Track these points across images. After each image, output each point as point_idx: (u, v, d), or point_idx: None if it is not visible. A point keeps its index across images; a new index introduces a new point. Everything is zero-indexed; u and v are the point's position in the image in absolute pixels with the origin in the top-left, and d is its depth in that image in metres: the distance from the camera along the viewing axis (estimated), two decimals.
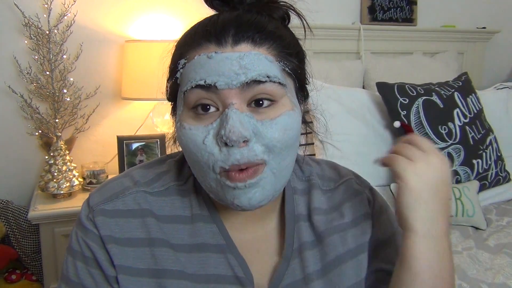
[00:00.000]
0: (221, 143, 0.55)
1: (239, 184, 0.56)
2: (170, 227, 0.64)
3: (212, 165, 0.56)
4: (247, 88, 0.55)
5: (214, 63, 0.55)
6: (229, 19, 0.58)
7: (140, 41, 1.83)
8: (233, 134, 0.53)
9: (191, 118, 0.58)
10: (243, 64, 0.55)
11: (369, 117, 1.89)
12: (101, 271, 0.62)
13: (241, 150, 0.55)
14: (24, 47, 1.75)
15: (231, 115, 0.54)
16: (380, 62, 2.24)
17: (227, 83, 0.55)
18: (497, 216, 1.74)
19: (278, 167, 0.58)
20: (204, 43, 0.57)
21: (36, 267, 1.72)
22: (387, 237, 0.72)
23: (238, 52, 0.56)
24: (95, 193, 0.66)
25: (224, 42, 0.56)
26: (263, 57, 0.56)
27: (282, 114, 0.57)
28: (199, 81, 0.55)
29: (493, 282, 1.26)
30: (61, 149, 1.71)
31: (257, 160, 0.56)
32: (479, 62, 2.61)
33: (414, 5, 2.41)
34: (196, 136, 0.56)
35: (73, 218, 1.59)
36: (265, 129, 0.56)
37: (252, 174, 0.56)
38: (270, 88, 0.56)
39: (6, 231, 1.68)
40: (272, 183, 0.58)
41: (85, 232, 0.63)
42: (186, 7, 1.98)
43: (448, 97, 1.90)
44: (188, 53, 0.59)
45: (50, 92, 1.74)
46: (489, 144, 1.91)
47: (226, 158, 0.55)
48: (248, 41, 0.57)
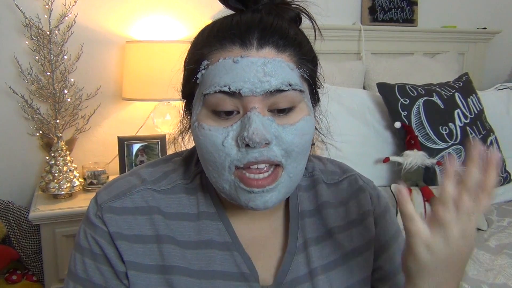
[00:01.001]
0: (241, 144, 0.56)
1: (256, 190, 0.57)
2: (176, 224, 0.65)
3: (228, 166, 0.57)
4: (269, 95, 0.57)
5: (240, 68, 0.56)
6: (252, 21, 0.59)
7: (141, 41, 1.83)
8: (257, 136, 0.55)
9: (210, 119, 0.58)
10: (267, 71, 0.56)
11: (370, 117, 1.89)
12: (111, 267, 0.63)
13: (260, 150, 0.56)
14: (25, 48, 1.75)
15: (254, 118, 0.55)
16: (380, 62, 2.24)
17: (252, 90, 0.56)
18: (498, 216, 1.74)
19: (294, 171, 0.60)
20: (228, 45, 0.58)
21: (36, 268, 1.72)
22: (389, 237, 0.73)
23: (263, 57, 0.57)
24: (103, 191, 0.66)
25: (249, 44, 0.57)
26: (285, 65, 0.58)
27: (300, 120, 0.59)
28: (223, 87, 0.56)
29: (493, 282, 1.26)
30: (62, 150, 1.71)
31: (276, 160, 0.57)
32: (479, 62, 2.61)
33: (414, 5, 2.41)
34: (215, 137, 0.57)
35: (74, 219, 1.59)
36: (285, 134, 0.57)
37: (272, 181, 0.58)
38: (291, 95, 0.58)
39: (6, 231, 1.68)
40: (287, 187, 0.60)
41: (93, 229, 0.63)
42: (187, 8, 1.98)
43: (449, 98, 1.90)
44: (211, 54, 0.59)
45: (51, 93, 1.74)
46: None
47: (242, 157, 0.56)
48: (272, 46, 0.58)
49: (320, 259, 0.68)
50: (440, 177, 1.78)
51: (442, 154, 1.80)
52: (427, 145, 1.79)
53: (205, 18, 1.98)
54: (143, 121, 1.96)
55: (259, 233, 0.69)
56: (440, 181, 1.78)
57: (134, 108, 1.98)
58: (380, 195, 0.75)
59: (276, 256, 0.69)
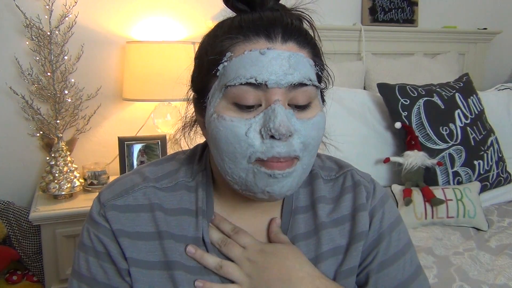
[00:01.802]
0: (265, 136, 0.57)
1: (277, 172, 0.59)
2: (176, 219, 0.66)
3: (249, 156, 0.58)
4: (292, 88, 0.58)
5: (266, 60, 0.57)
6: (275, 18, 0.60)
7: (141, 42, 1.83)
8: (283, 128, 0.56)
9: (232, 111, 0.59)
10: (292, 64, 0.58)
11: (370, 118, 1.89)
12: (113, 264, 0.64)
13: (284, 144, 0.58)
14: (26, 48, 1.75)
15: (279, 110, 0.57)
16: (381, 63, 2.24)
17: (277, 82, 0.57)
18: (498, 217, 1.74)
19: (307, 163, 0.63)
20: (253, 37, 0.59)
21: (37, 268, 1.72)
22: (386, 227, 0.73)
23: (288, 51, 0.59)
24: (106, 190, 0.68)
25: (274, 37, 0.59)
26: (306, 60, 0.60)
27: (316, 115, 0.62)
28: (250, 79, 0.57)
29: (494, 283, 1.26)
30: (62, 150, 1.71)
31: (294, 155, 0.59)
32: (480, 63, 2.61)
33: (415, 6, 2.41)
34: (238, 128, 0.58)
35: (74, 219, 1.59)
36: (304, 128, 0.60)
37: (290, 165, 0.60)
38: (310, 90, 0.60)
39: (7, 232, 1.68)
40: (300, 176, 0.62)
41: (96, 227, 0.65)
42: (187, 9, 1.98)
43: (449, 98, 1.90)
44: (234, 46, 0.59)
45: (51, 93, 1.74)
46: (490, 145, 1.91)
47: (267, 150, 0.58)
48: (295, 41, 0.60)
49: (308, 254, 0.69)
50: (440, 177, 1.78)
51: (443, 154, 1.80)
52: (428, 146, 1.79)
53: (206, 18, 1.98)
54: (143, 122, 1.96)
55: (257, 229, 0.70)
56: (440, 182, 1.78)
57: (134, 109, 1.98)
58: (377, 188, 0.77)
59: None
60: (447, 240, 1.54)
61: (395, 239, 0.74)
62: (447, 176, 1.79)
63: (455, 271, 1.32)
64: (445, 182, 1.78)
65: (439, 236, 1.56)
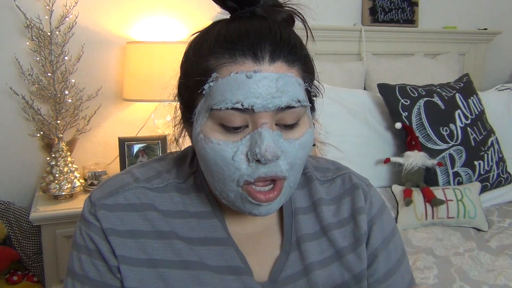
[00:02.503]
0: (252, 160, 0.57)
1: (264, 204, 0.59)
2: (172, 221, 0.67)
3: (237, 179, 0.58)
4: (279, 111, 0.57)
5: (253, 83, 0.55)
6: (263, 32, 0.57)
7: (142, 42, 1.83)
8: (269, 153, 0.55)
9: (218, 132, 0.58)
10: (279, 87, 0.56)
11: (370, 118, 1.89)
12: (104, 262, 0.64)
13: (269, 165, 0.57)
14: (26, 49, 1.76)
15: (265, 134, 0.56)
16: (381, 63, 2.24)
17: (264, 106, 0.56)
18: (498, 217, 1.74)
19: (294, 181, 0.62)
20: (240, 58, 0.56)
21: (37, 269, 1.72)
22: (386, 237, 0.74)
23: (276, 72, 0.56)
24: (97, 189, 0.68)
25: (261, 58, 0.56)
26: (295, 80, 0.58)
27: (304, 133, 0.61)
28: (236, 103, 0.55)
29: (494, 283, 1.26)
30: (63, 151, 1.71)
31: (281, 176, 0.59)
32: (480, 63, 2.61)
33: (415, 6, 2.41)
34: (225, 152, 0.57)
35: (74, 219, 1.59)
36: (291, 149, 0.59)
37: (277, 195, 0.60)
38: (298, 111, 0.59)
39: (7, 232, 1.68)
40: (287, 194, 0.63)
41: (88, 226, 0.65)
42: (187, 9, 1.98)
43: (450, 99, 1.90)
44: (220, 67, 0.57)
45: (52, 94, 1.74)
46: (490, 145, 1.91)
47: (252, 172, 0.57)
48: (284, 60, 0.58)
49: (315, 255, 0.69)
50: (440, 178, 1.78)
51: (443, 154, 1.80)
52: (428, 146, 1.79)
53: (206, 19, 1.98)
54: (143, 122, 1.96)
55: (253, 231, 0.70)
56: (440, 182, 1.78)
57: (134, 109, 1.98)
58: (375, 193, 0.76)
59: (271, 253, 0.70)
60: (448, 241, 1.54)
61: (395, 247, 0.74)
62: (448, 176, 1.79)
63: (455, 272, 1.32)
64: (446, 182, 1.78)
65: (440, 237, 1.56)
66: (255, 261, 0.68)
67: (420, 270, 1.32)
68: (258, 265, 0.68)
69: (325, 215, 0.71)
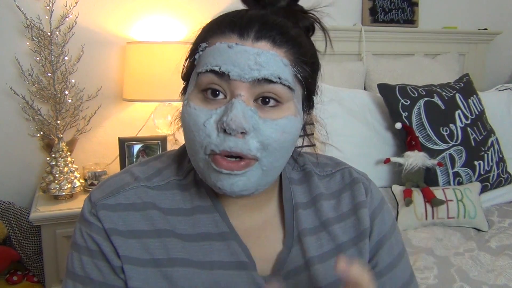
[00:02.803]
0: (220, 129, 0.57)
1: (224, 171, 0.58)
2: (172, 219, 0.66)
3: (205, 146, 0.59)
4: (257, 84, 0.58)
5: (233, 53, 0.58)
6: (255, 15, 0.61)
7: (142, 42, 1.83)
8: (233, 123, 0.56)
9: (199, 99, 0.60)
10: (258, 61, 0.58)
11: (370, 118, 1.89)
12: (107, 262, 0.64)
13: (236, 140, 0.57)
14: (26, 49, 1.76)
15: (236, 105, 0.57)
16: (381, 63, 2.24)
17: (240, 75, 0.57)
18: (499, 217, 1.74)
19: (269, 166, 0.61)
20: (227, 33, 0.60)
21: (37, 269, 1.72)
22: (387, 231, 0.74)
23: (257, 48, 0.58)
24: (96, 190, 0.68)
25: (246, 35, 0.59)
26: (279, 59, 0.59)
27: (284, 117, 0.60)
28: (215, 66, 0.58)
29: (495, 283, 1.26)
30: (63, 151, 1.71)
31: (249, 155, 0.58)
32: (480, 63, 2.61)
33: (415, 6, 2.41)
34: (198, 117, 0.59)
35: (75, 220, 1.57)
36: (265, 127, 0.58)
37: (241, 167, 0.59)
38: (279, 89, 0.59)
39: (7, 232, 1.68)
40: (259, 177, 0.61)
41: (89, 227, 0.65)
42: (187, 9, 1.98)
43: (450, 99, 1.90)
44: (210, 38, 0.61)
45: (52, 94, 1.74)
46: (490, 145, 1.91)
47: (219, 143, 0.58)
48: (269, 40, 0.59)
49: (316, 250, 0.69)
50: (440, 178, 1.78)
51: (443, 155, 1.80)
52: (428, 146, 1.79)
53: (206, 19, 1.97)
54: (143, 122, 1.96)
55: (253, 224, 0.70)
56: (440, 182, 1.78)
57: (134, 109, 1.98)
58: (375, 188, 0.76)
59: (273, 247, 0.70)
60: (448, 241, 1.54)
61: (396, 241, 0.75)
62: (448, 176, 1.79)
63: (455, 272, 1.32)
64: (446, 182, 1.78)
65: (440, 237, 1.56)
66: (258, 255, 0.68)
67: (420, 270, 1.32)
68: (261, 259, 0.68)
69: (324, 209, 0.72)
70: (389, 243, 0.73)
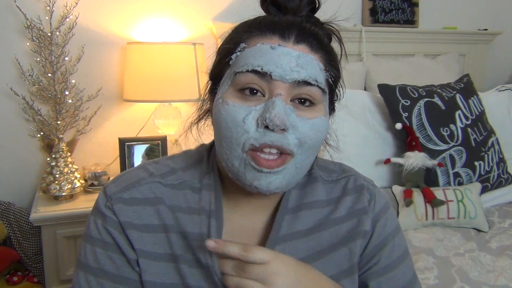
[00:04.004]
0: (261, 125, 0.59)
1: (265, 170, 0.60)
2: (181, 216, 0.67)
3: (243, 142, 0.60)
4: (296, 86, 0.61)
5: (275, 54, 0.60)
6: (293, 21, 0.64)
7: (142, 43, 1.83)
8: (277, 119, 0.58)
9: (236, 97, 0.62)
10: (300, 63, 0.61)
11: (371, 118, 1.89)
12: (123, 255, 0.65)
13: (277, 134, 0.59)
14: (26, 49, 1.76)
15: (278, 103, 0.59)
16: (381, 64, 2.24)
17: (282, 76, 0.60)
18: (499, 218, 1.74)
19: (302, 163, 0.63)
20: (268, 33, 0.62)
21: (37, 269, 1.72)
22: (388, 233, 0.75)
23: (298, 51, 0.61)
24: (111, 183, 0.69)
25: (287, 37, 0.62)
26: (316, 63, 0.63)
27: (318, 117, 0.63)
28: (257, 66, 0.60)
29: (495, 284, 1.26)
30: (63, 151, 1.71)
31: (288, 149, 0.60)
32: (480, 63, 2.61)
33: (415, 7, 2.41)
34: (237, 113, 0.60)
35: (75, 220, 1.59)
36: (302, 125, 0.61)
37: (280, 164, 0.60)
38: (314, 91, 0.62)
39: (7, 233, 1.68)
40: (292, 175, 0.63)
41: (104, 219, 0.66)
42: (187, 10, 1.98)
43: (450, 99, 1.90)
44: (250, 39, 0.63)
45: (52, 94, 1.74)
46: (491, 146, 1.90)
47: (259, 137, 0.59)
48: (307, 44, 0.63)
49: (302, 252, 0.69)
50: (441, 178, 1.78)
51: (443, 155, 1.80)
52: (428, 146, 1.79)
53: (206, 20, 1.98)
54: (144, 122, 1.96)
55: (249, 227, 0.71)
56: (441, 183, 1.78)
57: (135, 109, 1.98)
58: (380, 194, 0.77)
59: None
60: (448, 241, 1.54)
61: (398, 244, 0.75)
62: (448, 177, 1.79)
63: (455, 272, 1.32)
64: (446, 183, 1.78)
65: (440, 237, 1.56)
66: None
67: (421, 271, 1.31)
68: None
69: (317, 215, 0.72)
70: (391, 245, 0.74)
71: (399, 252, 0.75)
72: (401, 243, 0.77)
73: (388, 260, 0.73)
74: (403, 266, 0.75)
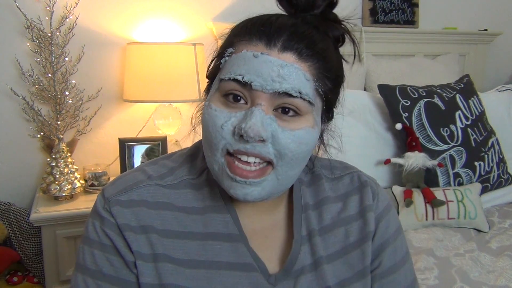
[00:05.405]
0: (237, 134, 0.58)
1: (238, 179, 0.59)
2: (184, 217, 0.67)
3: (221, 148, 0.60)
4: (277, 96, 0.59)
5: (257, 63, 0.58)
6: (285, 24, 0.61)
7: (142, 43, 1.83)
8: (252, 131, 0.57)
9: (220, 102, 0.61)
10: (281, 73, 0.58)
11: (371, 119, 1.89)
12: (121, 257, 0.65)
13: (254, 145, 0.58)
14: (26, 50, 1.76)
15: (256, 113, 0.58)
16: (381, 64, 2.24)
17: (262, 86, 0.58)
18: (499, 218, 1.74)
19: (284, 175, 0.62)
20: (255, 40, 0.60)
21: (37, 270, 1.72)
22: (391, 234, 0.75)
23: (282, 60, 0.59)
24: (109, 186, 0.69)
25: (273, 44, 0.59)
26: (301, 73, 0.59)
27: (302, 128, 0.60)
28: (238, 76, 0.59)
29: (495, 284, 1.26)
30: (63, 151, 1.71)
31: (267, 157, 0.59)
32: (481, 64, 2.61)
33: (415, 7, 2.41)
34: (217, 118, 0.60)
35: (75, 220, 1.59)
36: (283, 136, 0.59)
37: (257, 175, 0.60)
38: (298, 102, 0.59)
39: (8, 233, 1.68)
40: (273, 186, 0.62)
41: (102, 221, 0.65)
42: (187, 11, 1.98)
43: (450, 99, 1.90)
44: (237, 44, 0.62)
45: (52, 95, 1.74)
46: (491, 146, 1.90)
47: (234, 143, 0.59)
48: (295, 52, 0.59)
49: (323, 250, 0.70)
50: (441, 179, 1.78)
51: (443, 155, 1.80)
52: (428, 147, 1.79)
53: (206, 20, 1.98)
54: (144, 123, 1.96)
55: (262, 225, 0.71)
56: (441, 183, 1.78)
57: (135, 110, 1.98)
58: (382, 192, 0.77)
59: (279, 246, 0.71)
60: (448, 241, 1.54)
61: (400, 246, 0.75)
62: (448, 177, 1.79)
63: (456, 272, 1.32)
64: (446, 183, 1.78)
65: (440, 237, 1.56)
66: (265, 255, 0.68)
67: (421, 271, 1.31)
68: (267, 260, 0.68)
69: (330, 212, 0.72)
70: (393, 246, 0.74)
71: (401, 254, 0.75)
72: (403, 244, 0.77)
73: (390, 262, 0.73)
74: (405, 268, 0.75)
